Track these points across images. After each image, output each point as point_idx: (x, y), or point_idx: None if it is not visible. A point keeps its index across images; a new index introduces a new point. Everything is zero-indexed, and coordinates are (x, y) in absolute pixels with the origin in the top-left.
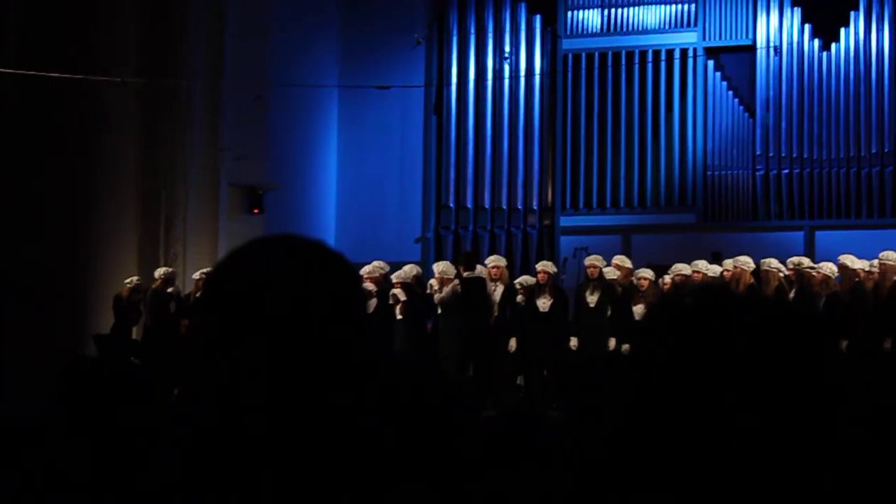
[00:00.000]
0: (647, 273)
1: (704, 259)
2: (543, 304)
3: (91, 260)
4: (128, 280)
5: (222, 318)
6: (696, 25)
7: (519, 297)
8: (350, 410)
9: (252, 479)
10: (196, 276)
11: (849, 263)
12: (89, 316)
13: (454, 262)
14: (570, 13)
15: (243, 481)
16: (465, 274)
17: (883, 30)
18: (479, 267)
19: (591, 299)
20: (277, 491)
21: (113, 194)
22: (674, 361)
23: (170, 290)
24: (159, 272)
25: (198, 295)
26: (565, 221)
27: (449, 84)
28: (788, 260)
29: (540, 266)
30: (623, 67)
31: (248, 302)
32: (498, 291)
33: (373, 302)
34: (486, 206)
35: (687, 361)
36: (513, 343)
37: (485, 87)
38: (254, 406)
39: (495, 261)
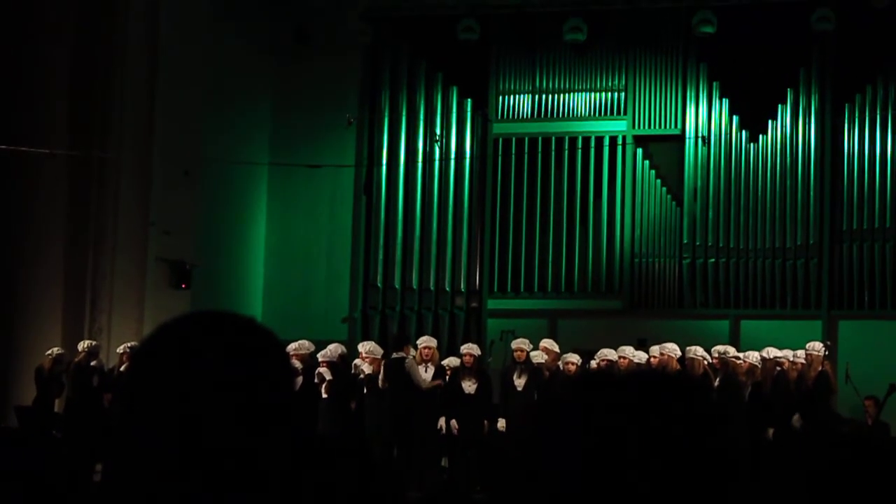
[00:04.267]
0: (574, 358)
1: (630, 345)
2: (469, 386)
3: (15, 330)
4: (49, 351)
5: (148, 393)
6: (625, 113)
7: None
8: (275, 489)
9: None
10: (120, 349)
11: (772, 354)
12: (11, 388)
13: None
14: (500, 98)
15: None
16: (393, 355)
17: (810, 123)
18: (409, 349)
19: (519, 382)
20: None
21: (39, 265)
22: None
23: (93, 363)
24: (83, 345)
25: (122, 369)
26: (492, 304)
27: (379, 164)
28: (714, 348)
29: (465, 349)
30: (553, 153)
31: (175, 377)
32: (430, 373)
33: (298, 380)
34: (414, 286)
35: (608, 445)
36: (442, 423)
37: (415, 168)
38: (176, 483)
39: (426, 342)
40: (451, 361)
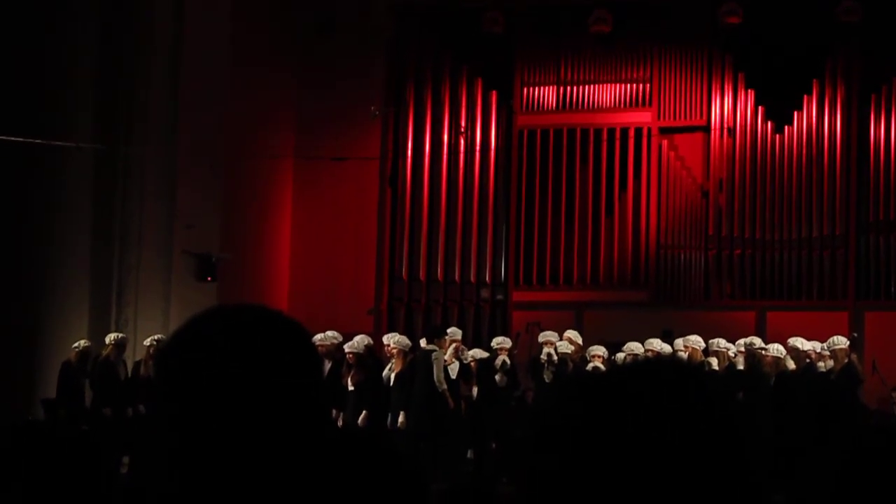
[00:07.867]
0: (600, 350)
1: (655, 337)
2: (497, 378)
3: (41, 324)
4: (75, 344)
5: (178, 387)
6: (650, 105)
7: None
8: (304, 478)
9: None
10: (147, 342)
11: (799, 345)
12: (38, 381)
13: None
14: (526, 89)
15: None
16: (422, 344)
17: (835, 113)
18: (448, 338)
19: (547, 374)
20: None
21: (65, 258)
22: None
23: (120, 356)
24: (110, 338)
25: (149, 362)
26: (518, 296)
27: (404, 157)
28: (738, 341)
29: (499, 342)
30: (578, 144)
31: (203, 371)
32: (456, 365)
33: (325, 371)
34: (439, 278)
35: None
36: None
37: (440, 160)
38: (210, 476)
39: (455, 333)
40: (477, 353)
